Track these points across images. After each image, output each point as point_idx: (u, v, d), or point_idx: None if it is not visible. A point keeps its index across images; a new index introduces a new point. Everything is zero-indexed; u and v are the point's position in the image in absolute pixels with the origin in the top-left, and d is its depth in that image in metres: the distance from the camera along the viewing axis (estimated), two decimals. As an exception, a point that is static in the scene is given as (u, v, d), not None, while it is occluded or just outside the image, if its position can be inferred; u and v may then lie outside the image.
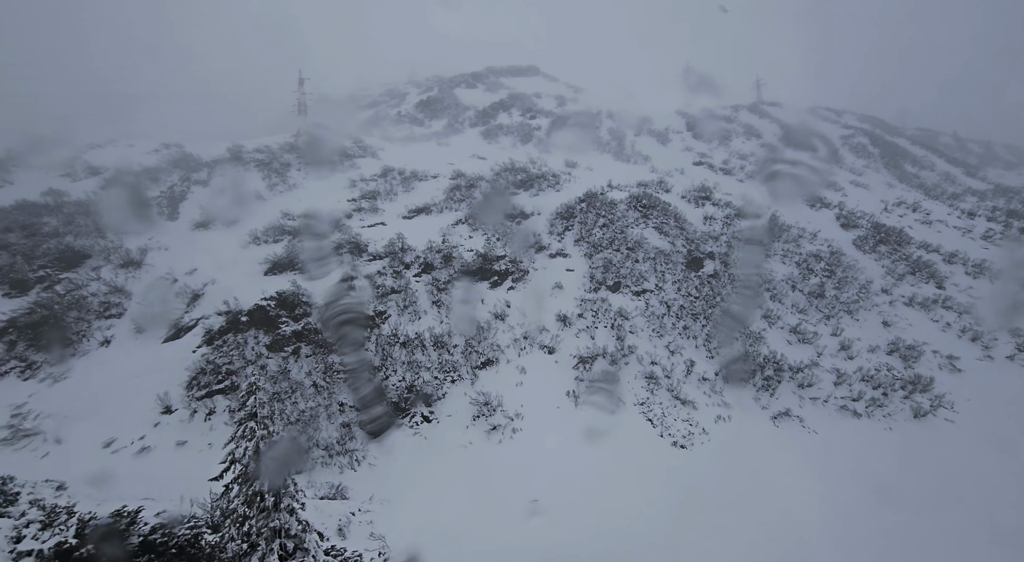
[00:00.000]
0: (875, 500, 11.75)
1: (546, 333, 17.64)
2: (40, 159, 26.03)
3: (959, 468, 13.20)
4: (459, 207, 24.83)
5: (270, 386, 13.79)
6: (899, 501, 11.76)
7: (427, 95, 56.41)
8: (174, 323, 15.76)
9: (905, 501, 11.80)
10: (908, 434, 14.78)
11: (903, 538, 10.77)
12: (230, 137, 32.46)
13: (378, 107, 60.46)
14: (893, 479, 12.60)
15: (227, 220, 22.25)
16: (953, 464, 13.38)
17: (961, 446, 14.22)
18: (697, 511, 10.99)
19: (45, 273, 17.78)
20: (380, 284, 18.34)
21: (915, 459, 13.56)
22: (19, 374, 13.94)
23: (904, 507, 11.59)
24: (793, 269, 23.98)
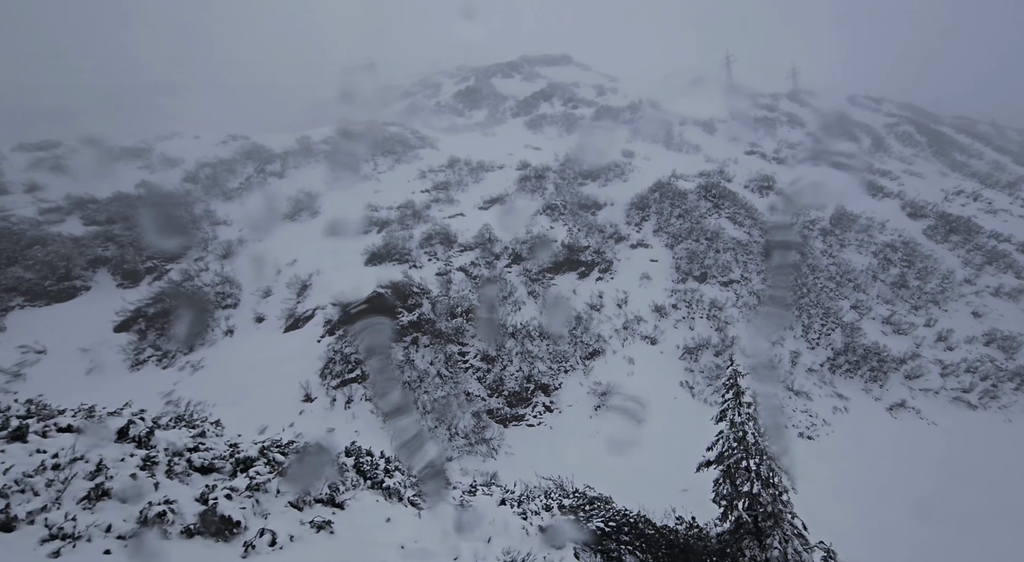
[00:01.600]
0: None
1: (644, 324, 17.59)
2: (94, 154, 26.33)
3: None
4: (533, 197, 24.72)
5: (399, 375, 13.93)
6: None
7: (465, 85, 56.01)
8: (290, 312, 15.92)
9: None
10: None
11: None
12: (257, 128, 32.75)
13: (413, 97, 60.24)
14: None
15: (312, 211, 22.34)
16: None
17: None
18: (844, 504, 10.95)
19: (153, 264, 18.03)
20: (476, 275, 18.38)
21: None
22: (156, 362, 14.21)
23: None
24: (871, 259, 23.65)
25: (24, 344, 14.04)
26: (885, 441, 13.45)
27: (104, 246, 18.08)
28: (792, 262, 22.37)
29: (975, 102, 71.34)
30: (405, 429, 12.28)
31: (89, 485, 4.35)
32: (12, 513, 3.84)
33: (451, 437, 12.44)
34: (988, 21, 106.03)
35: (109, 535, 3.98)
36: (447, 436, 12.48)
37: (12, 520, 3.81)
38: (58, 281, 16.59)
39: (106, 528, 4.00)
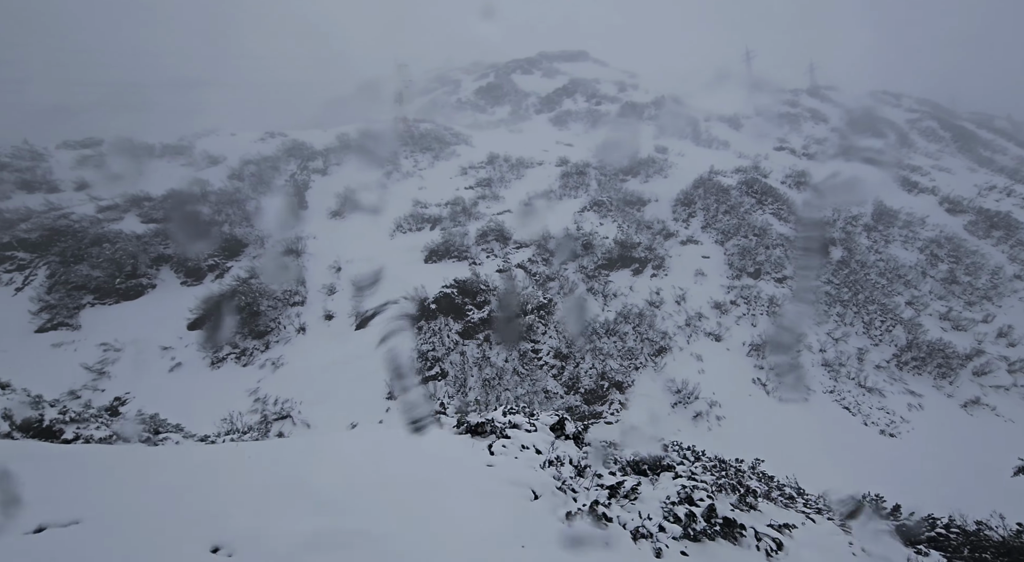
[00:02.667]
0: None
1: (706, 320, 17.45)
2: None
3: None
4: (577, 194, 24.54)
5: (477, 373, 13.83)
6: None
7: (485, 82, 55.68)
8: (358, 310, 15.81)
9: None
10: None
11: None
12: (278, 126, 32.65)
13: (432, 94, 59.91)
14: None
15: (361, 208, 22.20)
16: None
17: None
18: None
19: (215, 262, 17.93)
20: (535, 272, 18.23)
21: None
22: (235, 360, 14.12)
23: None
24: (917, 255, 23.43)
25: (105, 342, 13.98)
26: (966, 438, 13.31)
27: (164, 244, 17.98)
28: (840, 258, 22.21)
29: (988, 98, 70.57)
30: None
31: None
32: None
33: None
34: (999, 16, 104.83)
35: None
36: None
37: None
38: (126, 279, 16.51)
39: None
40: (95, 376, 12.71)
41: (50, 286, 16.09)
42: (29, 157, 22.89)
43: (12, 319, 14.79)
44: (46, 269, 16.79)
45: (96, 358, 13.50)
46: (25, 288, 16.16)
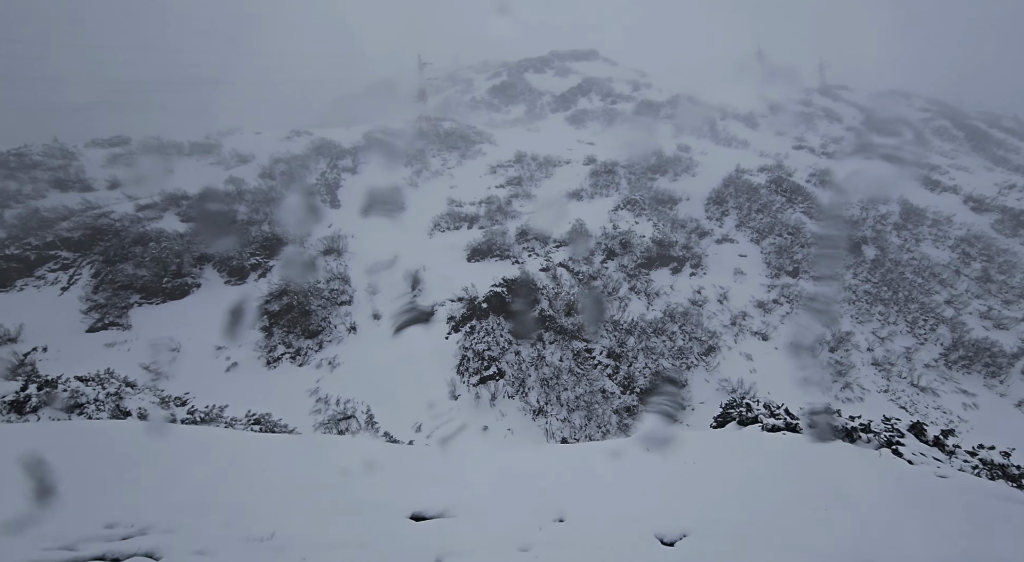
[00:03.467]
0: None
1: (751, 319, 17.31)
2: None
3: None
4: (608, 192, 24.36)
5: (535, 373, 13.67)
6: None
7: (499, 81, 55.42)
8: (408, 309, 15.64)
9: None
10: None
11: None
12: (290, 125, 32.33)
13: (444, 93, 59.63)
14: None
15: (396, 207, 22.01)
16: None
17: None
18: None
19: (257, 261, 17.73)
20: (578, 271, 18.06)
21: None
22: (291, 360, 13.94)
23: None
24: (948, 254, 23.30)
25: (158, 341, 13.79)
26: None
27: (205, 242, 17.77)
28: (874, 257, 22.07)
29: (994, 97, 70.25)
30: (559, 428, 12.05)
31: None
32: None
33: (603, 435, 12.19)
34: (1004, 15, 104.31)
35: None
36: (599, 434, 12.23)
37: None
38: (171, 278, 16.30)
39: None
40: (154, 376, 12.51)
41: (96, 285, 15.89)
42: (60, 156, 22.66)
43: (62, 319, 14.60)
44: (90, 268, 16.59)
45: (151, 358, 13.31)
46: (71, 287, 15.96)
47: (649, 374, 14.34)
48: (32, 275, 15.92)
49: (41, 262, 16.23)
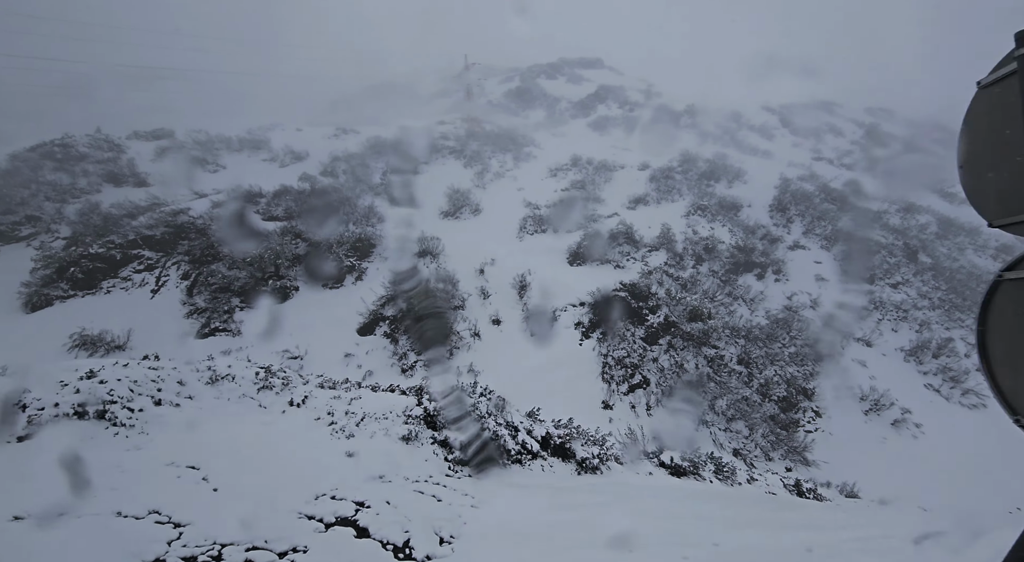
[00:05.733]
0: None
1: (847, 325, 17.25)
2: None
3: None
4: (673, 198, 24.10)
5: (676, 380, 13.13)
6: None
7: (513, 85, 54.75)
8: (527, 315, 14.86)
9: None
10: None
11: None
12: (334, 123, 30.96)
13: (452, 96, 58.61)
14: None
15: (472, 208, 21.11)
16: None
17: None
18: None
19: (351, 263, 16.59)
20: (677, 276, 17.65)
21: None
22: (424, 367, 12.96)
23: None
24: (991, 262, 24.02)
25: (286, 349, 12.59)
26: None
27: (295, 243, 16.53)
28: (930, 264, 22.50)
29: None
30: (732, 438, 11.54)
31: None
32: None
33: (772, 447, 11.75)
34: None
35: None
36: (767, 444, 11.78)
37: None
38: (269, 280, 15.03)
39: None
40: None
41: (190, 288, 14.49)
42: (107, 148, 20.87)
43: (163, 324, 13.20)
44: (176, 269, 15.14)
45: (277, 366, 12.10)
46: (160, 289, 14.51)
47: (781, 381, 14.01)
48: (117, 276, 14.39)
49: (125, 262, 14.70)
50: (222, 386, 6.76)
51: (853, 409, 13.79)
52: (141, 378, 6.34)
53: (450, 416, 6.42)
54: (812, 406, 13.77)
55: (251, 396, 6.80)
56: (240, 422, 6.11)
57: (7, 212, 15.66)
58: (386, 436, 6.00)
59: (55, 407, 5.47)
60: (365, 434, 6.05)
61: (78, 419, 5.45)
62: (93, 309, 13.08)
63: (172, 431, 5.62)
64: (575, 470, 5.92)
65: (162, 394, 6.27)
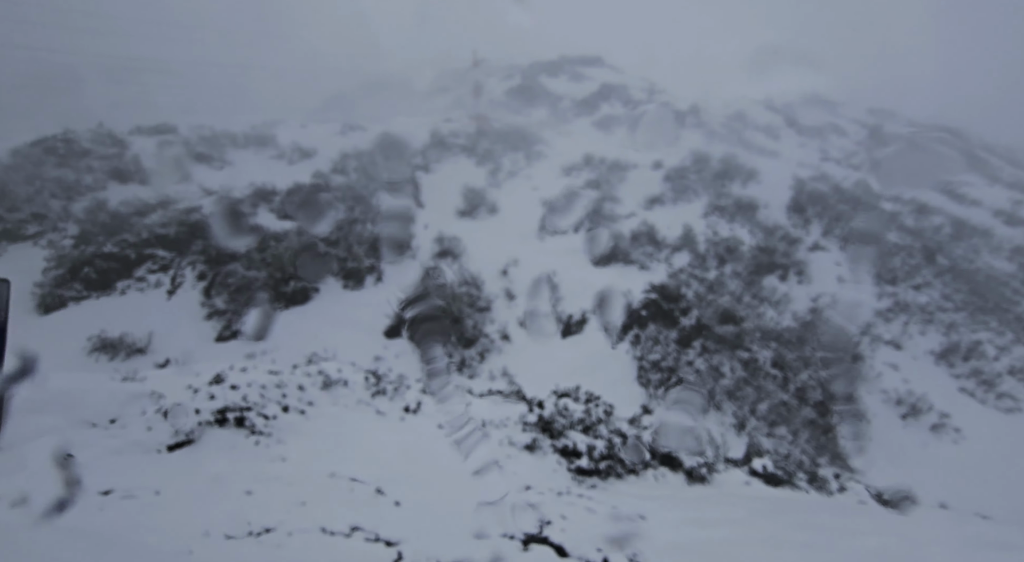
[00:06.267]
0: None
1: (874, 328, 17.14)
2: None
3: None
4: (689, 198, 23.90)
5: (714, 383, 12.89)
6: None
7: (514, 83, 54.41)
8: (558, 316, 14.55)
9: None
10: None
11: None
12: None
13: (453, 92, 58.19)
14: None
15: (489, 207, 20.76)
16: None
17: None
18: None
19: (371, 264, 16.17)
20: (702, 277, 17.43)
21: None
22: (457, 371, 12.61)
23: None
24: (1007, 264, 24.08)
25: (315, 352, 12.16)
26: None
27: (312, 242, 16.09)
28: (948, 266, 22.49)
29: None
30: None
31: None
32: None
33: (817, 451, 11.54)
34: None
35: None
36: (810, 449, 11.57)
37: None
38: (287, 281, 14.58)
39: None
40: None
41: (207, 288, 14.02)
42: (110, 143, 20.27)
43: (184, 326, 12.73)
44: (192, 269, 14.64)
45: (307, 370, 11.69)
46: (177, 291, 14.02)
47: (817, 386, 13.81)
48: (132, 276, 13.88)
49: (139, 262, 14.19)
50: (336, 391, 6.55)
51: (890, 413, 13.64)
52: (267, 383, 6.09)
53: (564, 423, 6.12)
54: (853, 410, 13.58)
55: (366, 402, 6.57)
56: (371, 429, 5.90)
57: (12, 209, 15.06)
58: (511, 445, 5.77)
59: (196, 414, 5.22)
60: (492, 443, 5.83)
61: (219, 427, 5.20)
62: (109, 311, 12.58)
63: (307, 439, 5.38)
64: (685, 480, 5.66)
65: (287, 400, 6.01)
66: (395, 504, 4.14)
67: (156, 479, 4.42)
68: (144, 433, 5.08)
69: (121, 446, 4.84)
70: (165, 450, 4.98)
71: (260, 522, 3.62)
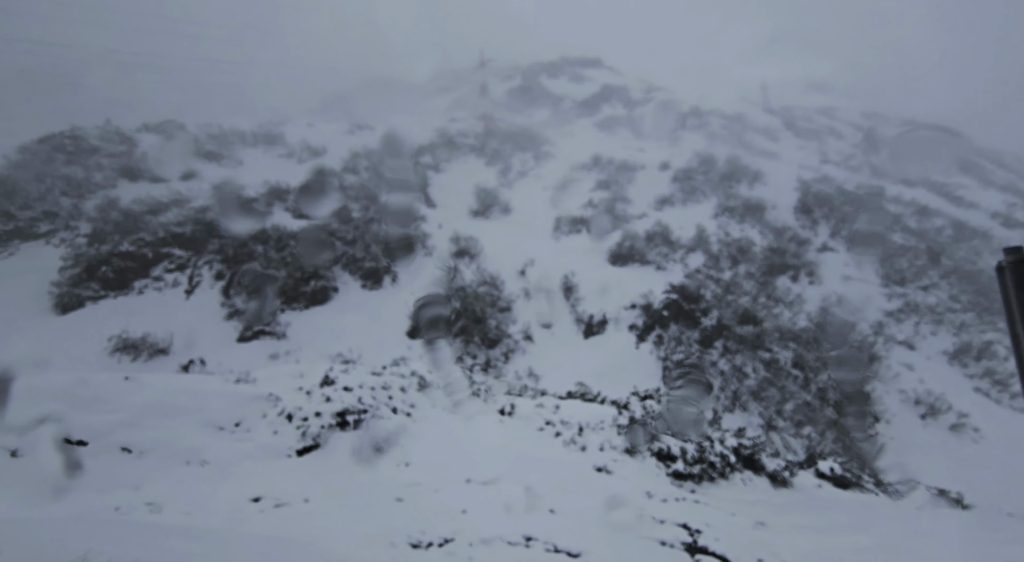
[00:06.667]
0: None
1: (887, 328, 17.23)
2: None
3: None
4: (698, 198, 23.94)
5: (738, 384, 12.87)
6: None
7: (515, 84, 54.31)
8: (578, 317, 14.47)
9: None
10: None
11: None
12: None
13: (454, 93, 57.99)
14: None
15: (502, 207, 20.64)
16: None
17: None
18: None
19: (388, 263, 15.99)
20: (718, 278, 17.45)
21: None
22: (481, 372, 12.46)
23: None
24: (1008, 266, 24.36)
25: (339, 352, 11.98)
26: None
27: (330, 242, 15.89)
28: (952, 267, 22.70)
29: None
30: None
31: None
32: None
33: (845, 451, 11.54)
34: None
35: None
36: (837, 449, 11.57)
37: None
38: (307, 280, 14.36)
39: None
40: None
41: (225, 288, 13.77)
42: (118, 141, 19.91)
43: (204, 326, 12.47)
44: (209, 268, 14.39)
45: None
46: (195, 290, 13.76)
47: (835, 386, 13.84)
48: (149, 276, 13.61)
49: (156, 261, 13.92)
50: (431, 393, 6.41)
51: (909, 414, 13.69)
52: (374, 385, 5.97)
53: (655, 426, 6.02)
54: (871, 411, 13.62)
55: (461, 404, 6.45)
56: (477, 432, 5.79)
57: (24, 207, 14.71)
58: (612, 448, 5.66)
59: (317, 417, 5.08)
60: (593, 446, 5.73)
61: (340, 430, 5.06)
62: (127, 310, 12.30)
63: (420, 443, 5.27)
64: (769, 484, 5.59)
65: (393, 402, 5.88)
66: (550, 512, 4.00)
67: (296, 485, 4.30)
68: (271, 437, 4.97)
69: (251, 450, 4.73)
70: (295, 455, 4.89)
71: (435, 531, 3.49)
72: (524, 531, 3.59)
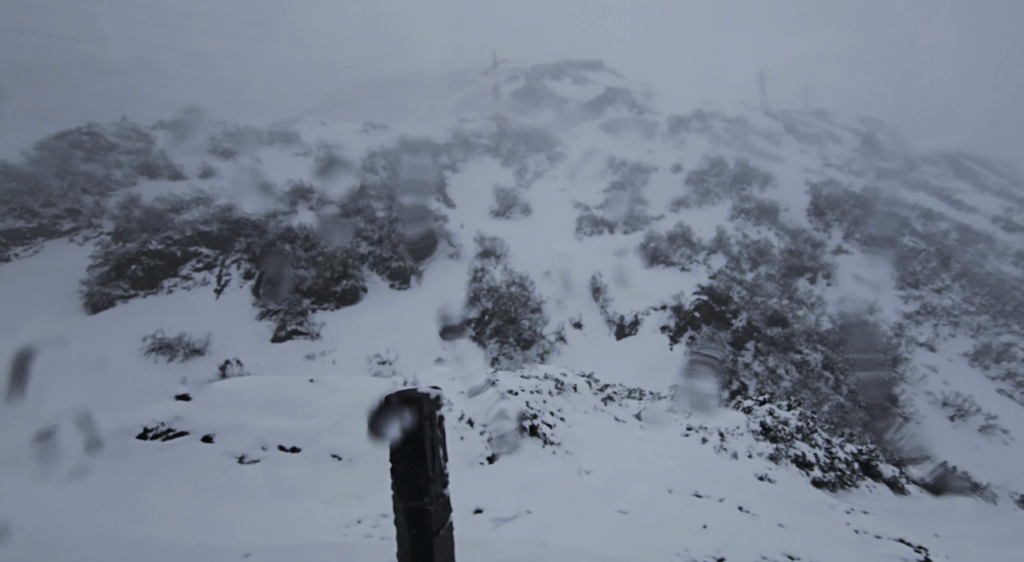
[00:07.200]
0: None
1: (907, 330, 17.24)
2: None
3: None
4: (712, 200, 23.89)
5: (772, 386, 12.77)
6: None
7: (519, 85, 54.12)
8: (609, 318, 14.31)
9: None
10: None
11: None
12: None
13: (459, 93, 57.77)
14: None
15: (523, 207, 20.44)
16: None
17: None
18: None
19: (412, 264, 15.74)
20: (741, 280, 17.38)
21: None
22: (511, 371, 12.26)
23: None
24: (1013, 268, 24.56)
25: (377, 353, 11.73)
26: None
27: (356, 242, 15.62)
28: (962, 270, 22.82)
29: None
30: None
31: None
32: None
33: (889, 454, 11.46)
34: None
35: None
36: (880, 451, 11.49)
37: None
38: (337, 280, 14.08)
39: None
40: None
41: (254, 288, 13.46)
42: (135, 138, 19.50)
43: (237, 326, 12.17)
44: (237, 268, 14.07)
45: (370, 371, 11.27)
46: (224, 289, 13.43)
47: (865, 387, 13.80)
48: (177, 274, 13.26)
49: (184, 260, 13.58)
50: (569, 396, 6.20)
51: (938, 415, 13.67)
52: (530, 388, 5.74)
53: (786, 432, 5.85)
54: (900, 412, 13.59)
55: (600, 408, 6.27)
56: (628, 437, 5.59)
57: (46, 204, 14.30)
58: (759, 455, 5.48)
59: (506, 420, 4.88)
60: (743, 454, 5.53)
61: (529, 435, 4.85)
62: (159, 310, 11.96)
63: (582, 448, 5.05)
64: (890, 491, 5.45)
65: (547, 406, 5.66)
66: (779, 526, 3.77)
67: (506, 495, 4.04)
68: (459, 443, 4.73)
69: (451, 458, 4.49)
70: (486, 462, 4.67)
71: (699, 548, 3.24)
72: (783, 549, 3.40)
